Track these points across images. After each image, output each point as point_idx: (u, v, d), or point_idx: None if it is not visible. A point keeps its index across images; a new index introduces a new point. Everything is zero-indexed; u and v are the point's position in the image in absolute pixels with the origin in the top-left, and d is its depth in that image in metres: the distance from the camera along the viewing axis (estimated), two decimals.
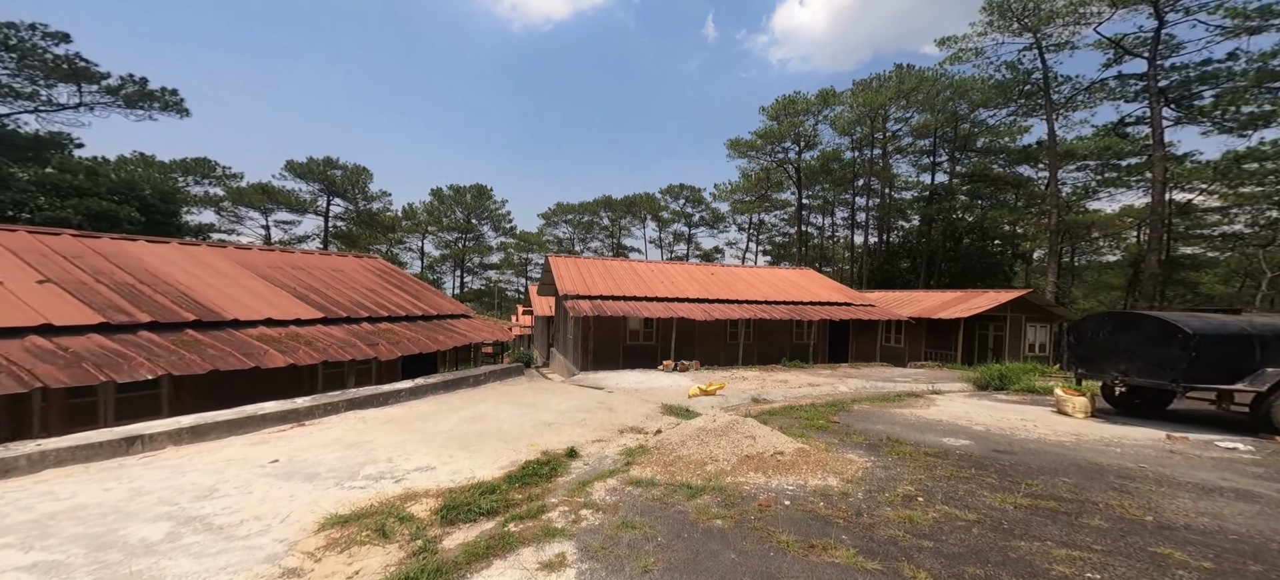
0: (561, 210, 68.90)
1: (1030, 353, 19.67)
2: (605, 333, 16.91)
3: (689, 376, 12.98)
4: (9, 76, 21.39)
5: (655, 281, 18.60)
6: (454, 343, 10.62)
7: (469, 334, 11.34)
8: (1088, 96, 32.03)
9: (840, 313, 18.47)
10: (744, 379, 12.57)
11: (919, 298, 23.20)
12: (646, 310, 15.82)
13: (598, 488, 4.53)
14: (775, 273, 23.15)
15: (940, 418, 7.93)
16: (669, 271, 20.32)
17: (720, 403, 9.13)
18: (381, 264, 13.14)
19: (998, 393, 10.62)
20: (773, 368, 15.09)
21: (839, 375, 13.84)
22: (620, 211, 66.26)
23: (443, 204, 59.34)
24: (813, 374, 14.01)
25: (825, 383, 12.12)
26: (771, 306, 18.28)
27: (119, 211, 20.37)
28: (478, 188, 61.58)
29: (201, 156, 32.63)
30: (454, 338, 10.75)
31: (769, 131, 45.06)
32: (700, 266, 22.51)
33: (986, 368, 11.72)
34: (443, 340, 10.39)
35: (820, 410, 8.28)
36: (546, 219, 68.74)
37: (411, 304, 11.46)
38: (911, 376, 13.96)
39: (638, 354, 17.34)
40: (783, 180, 51.89)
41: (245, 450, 4.71)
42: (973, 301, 19.88)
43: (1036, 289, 23.06)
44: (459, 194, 60.15)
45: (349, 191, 41.66)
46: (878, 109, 42.44)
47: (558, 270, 17.95)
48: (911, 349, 21.44)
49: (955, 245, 41.43)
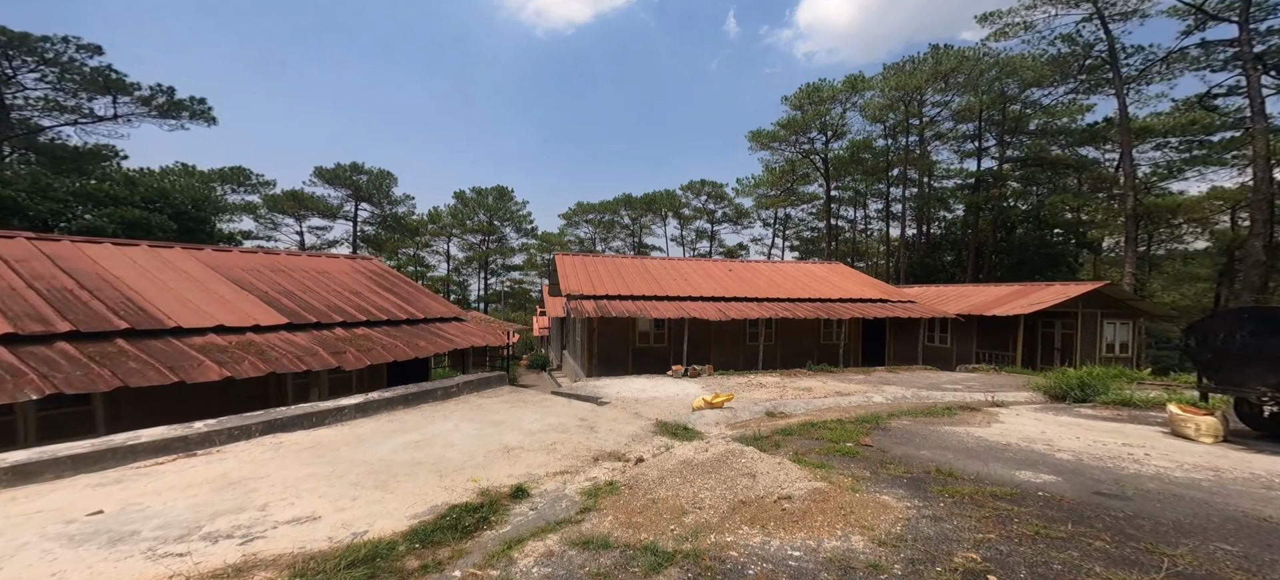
0: (582, 210, 68.47)
1: (1107, 354, 17.04)
2: (612, 335, 15.74)
3: (699, 383, 11.58)
4: (52, 90, 22.52)
5: (667, 279, 17.27)
6: (437, 348, 9.68)
7: (457, 338, 10.40)
8: (1165, 68, 28.24)
9: (875, 310, 16.53)
10: (761, 386, 11.05)
11: (968, 292, 20.78)
12: (656, 310, 14.53)
13: (529, 551, 3.30)
14: (801, 267, 21.32)
15: (1008, 439, 6.24)
16: (683, 268, 18.93)
17: (727, 417, 7.72)
18: (375, 266, 12.46)
19: (1080, 406, 8.63)
20: (796, 373, 13.46)
21: (873, 382, 12.08)
22: (640, 210, 65.14)
23: (466, 206, 59.99)
24: (842, 380, 12.30)
25: (857, 390, 10.44)
26: (795, 304, 16.58)
27: (150, 219, 20.89)
28: (499, 189, 61.93)
29: (238, 166, 33.99)
30: (438, 343, 9.82)
31: (792, 121, 42.79)
32: (717, 262, 21.00)
33: (1062, 373, 9.71)
34: (423, 346, 9.47)
35: (848, 428, 6.75)
36: (568, 219, 68.51)
37: (397, 307, 10.64)
38: (962, 382, 12.02)
39: (648, 358, 16.06)
40: (809, 172, 49.35)
41: (77, 496, 3.75)
42: (1035, 295, 17.46)
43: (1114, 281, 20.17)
44: (481, 196, 60.65)
45: (374, 196, 42.49)
46: (913, 93, 39.46)
47: (563, 269, 16.93)
48: (959, 350, 19.13)
49: (1007, 235, 37.91)
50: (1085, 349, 16.76)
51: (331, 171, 39.33)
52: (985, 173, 38.44)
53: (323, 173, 39.02)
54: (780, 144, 46.64)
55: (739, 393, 10.24)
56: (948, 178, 43.57)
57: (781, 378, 12.69)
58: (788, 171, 50.47)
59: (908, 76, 38.21)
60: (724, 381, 11.97)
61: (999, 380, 12.46)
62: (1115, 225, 29.26)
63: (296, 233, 40.55)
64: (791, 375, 13.14)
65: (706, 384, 11.49)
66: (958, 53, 36.59)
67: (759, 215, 62.90)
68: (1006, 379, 12.76)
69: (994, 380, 12.50)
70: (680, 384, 11.61)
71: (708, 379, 12.48)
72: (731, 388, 10.98)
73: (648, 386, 11.01)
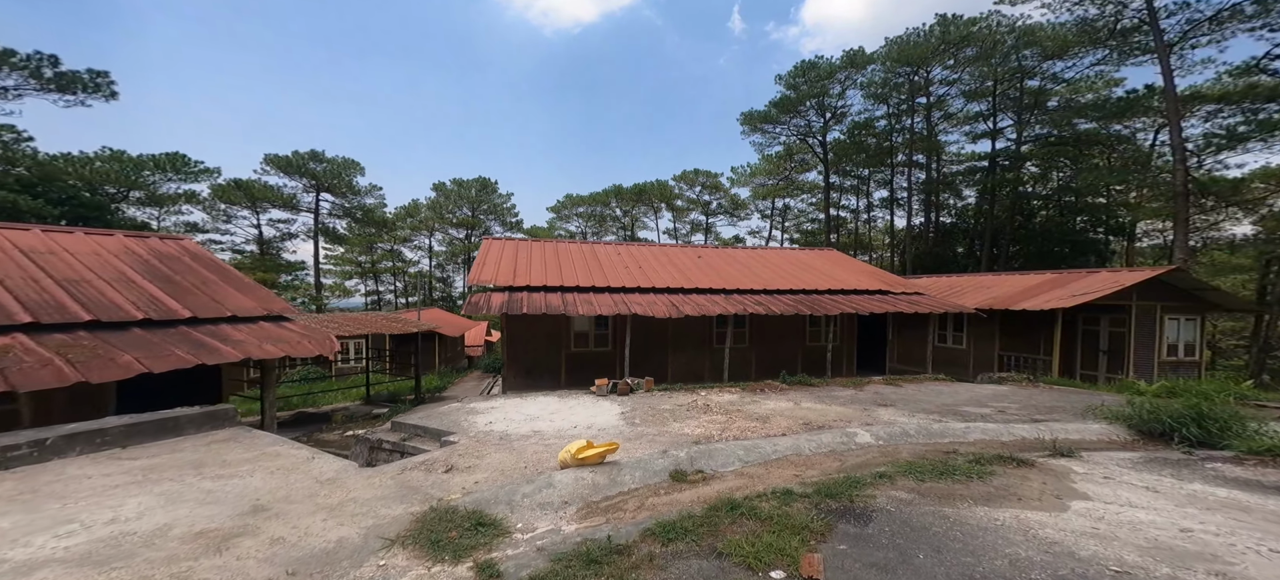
0: (572, 202, 65.35)
1: (1168, 358, 13.53)
2: (539, 338, 12.49)
3: (623, 406, 8.30)
4: None
5: (618, 268, 13.99)
6: (201, 359, 6.47)
7: (247, 346, 7.17)
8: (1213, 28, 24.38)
9: (873, 304, 13.14)
10: (706, 410, 7.75)
11: (988, 283, 17.29)
12: (589, 304, 11.24)
13: None
14: (787, 254, 17.93)
15: (1117, 554, 2.93)
16: (640, 255, 15.64)
17: (599, 484, 4.44)
18: (161, 246, 9.23)
19: (1213, 457, 5.19)
20: (765, 387, 10.13)
21: (865, 400, 8.73)
22: (630, 201, 61.76)
23: (447, 199, 57.04)
24: (823, 397, 8.97)
25: (837, 418, 7.11)
26: (772, 297, 13.23)
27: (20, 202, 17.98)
28: (481, 180, 58.97)
29: (175, 152, 30.96)
30: (203, 354, 6.60)
31: (785, 100, 39.35)
32: (686, 248, 17.66)
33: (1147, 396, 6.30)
34: (181, 357, 6.27)
35: (794, 519, 3.43)
36: (557, 212, 65.36)
37: (162, 303, 7.42)
38: (991, 401, 8.63)
39: (587, 366, 12.80)
40: (808, 159, 45.88)
41: None
42: (1077, 285, 14.01)
43: (1184, 266, 16.54)
44: (462, 187, 57.70)
45: (335, 186, 39.49)
46: (919, 67, 35.87)
47: (485, 255, 13.69)
48: (978, 352, 15.68)
49: (1026, 221, 34.23)
50: (1140, 352, 13.26)
51: (285, 159, 36.34)
52: (1001, 153, 34.75)
53: (276, 161, 36.02)
54: (775, 127, 43.17)
55: (674, 422, 6.96)
56: (958, 163, 39.84)
57: (742, 395, 9.38)
58: (785, 158, 47.10)
59: (912, 48, 34.65)
60: (662, 402, 8.68)
61: (1043, 398, 9.03)
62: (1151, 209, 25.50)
63: (253, 226, 37.68)
64: (758, 391, 9.80)
65: (634, 407, 8.21)
66: (968, 22, 32.98)
67: (756, 206, 59.48)
68: (1052, 396, 9.33)
69: (1035, 398, 9.08)
70: (597, 406, 8.34)
71: (640, 398, 9.19)
72: (671, 410, 7.70)
73: (543, 413, 7.75)
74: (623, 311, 10.97)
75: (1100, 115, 28.52)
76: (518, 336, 12.24)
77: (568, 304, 11.03)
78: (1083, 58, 31.17)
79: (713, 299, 12.49)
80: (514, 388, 12.09)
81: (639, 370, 13.20)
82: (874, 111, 39.90)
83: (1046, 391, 9.82)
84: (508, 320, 11.92)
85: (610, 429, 6.51)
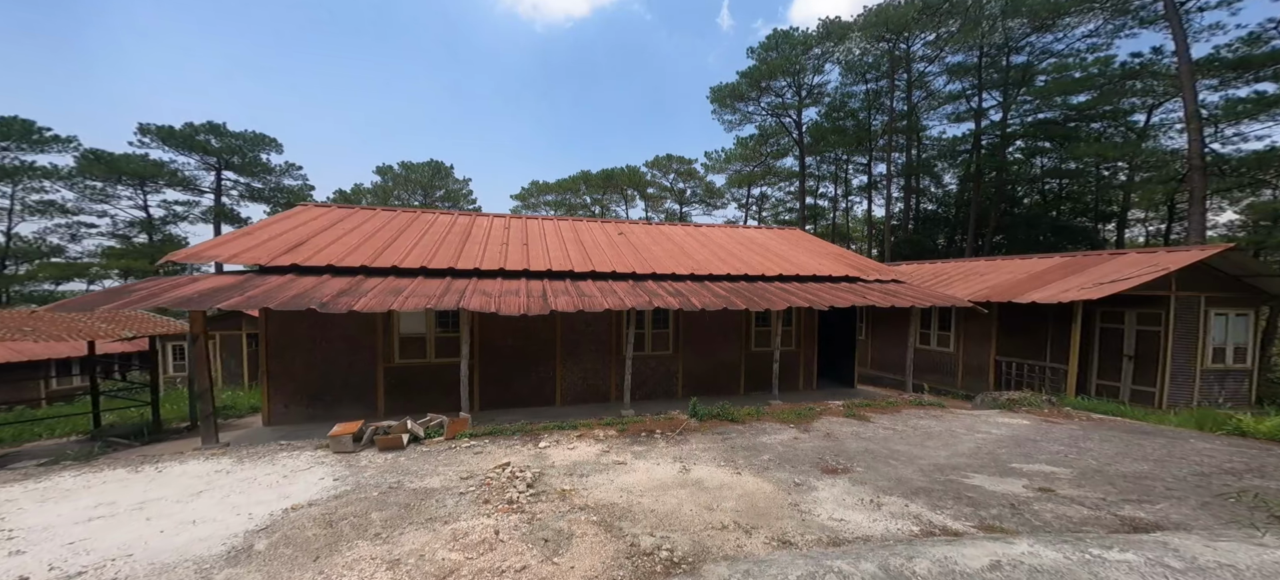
0: (538, 189, 60.68)
1: (1214, 365, 10.33)
2: (338, 345, 8.48)
3: (352, 479, 4.44)
4: None
5: (486, 246, 10.04)
6: None
7: None
8: None
9: (836, 294, 9.49)
10: (500, 493, 3.95)
11: (981, 269, 13.92)
12: (394, 294, 7.23)
13: None
14: (735, 233, 14.22)
15: None
16: (528, 229, 11.72)
17: None
18: None
19: None
20: (660, 428, 6.37)
21: (803, 460, 5.05)
22: (599, 187, 57.49)
23: (395, 183, 51.84)
24: (737, 452, 5.27)
25: (732, 519, 3.37)
26: (701, 285, 9.48)
27: None
28: (433, 164, 53.94)
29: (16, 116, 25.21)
30: None
31: (755, 71, 35.78)
32: (602, 223, 13.78)
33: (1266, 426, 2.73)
34: None
35: None
36: (522, 200, 60.56)
37: None
38: (1012, 458, 5.06)
39: (420, 386, 8.87)
40: (785, 144, 42.55)
41: None
42: (1099, 269, 10.72)
43: (1242, 246, 13.34)
44: (412, 171, 52.59)
45: (242, 164, 34.06)
46: (898, 35, 32.65)
47: (266, 225, 9.51)
48: (969, 357, 12.34)
49: (1010, 208, 31.50)
50: (1178, 357, 10.01)
51: (170, 131, 30.75)
52: (987, 129, 31.85)
53: (159, 132, 30.31)
54: (747, 104, 39.54)
55: (381, 543, 3.14)
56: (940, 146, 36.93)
57: (609, 446, 5.61)
58: (761, 141, 43.68)
59: (892, 14, 31.38)
60: (441, 468, 4.87)
61: (1099, 450, 5.49)
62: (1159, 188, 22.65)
63: (138, 207, 32.11)
64: (640, 438, 6.04)
65: (356, 490, 4.40)
66: None
67: (732, 194, 55.95)
68: (1112, 444, 5.80)
69: (1086, 449, 5.54)
70: (283, 485, 4.46)
71: (404, 462, 5.33)
72: (422, 500, 3.92)
73: (124, 507, 3.82)
74: (445, 305, 7.02)
75: (1103, 83, 25.61)
76: (293, 343, 8.14)
77: (351, 292, 7.00)
78: (1075, 29, 28.51)
79: (614, 287, 8.67)
80: (286, 419, 8.05)
81: (500, 391, 9.33)
82: (852, 89, 36.69)
83: (1086, 427, 6.30)
84: (268, 319, 7.86)
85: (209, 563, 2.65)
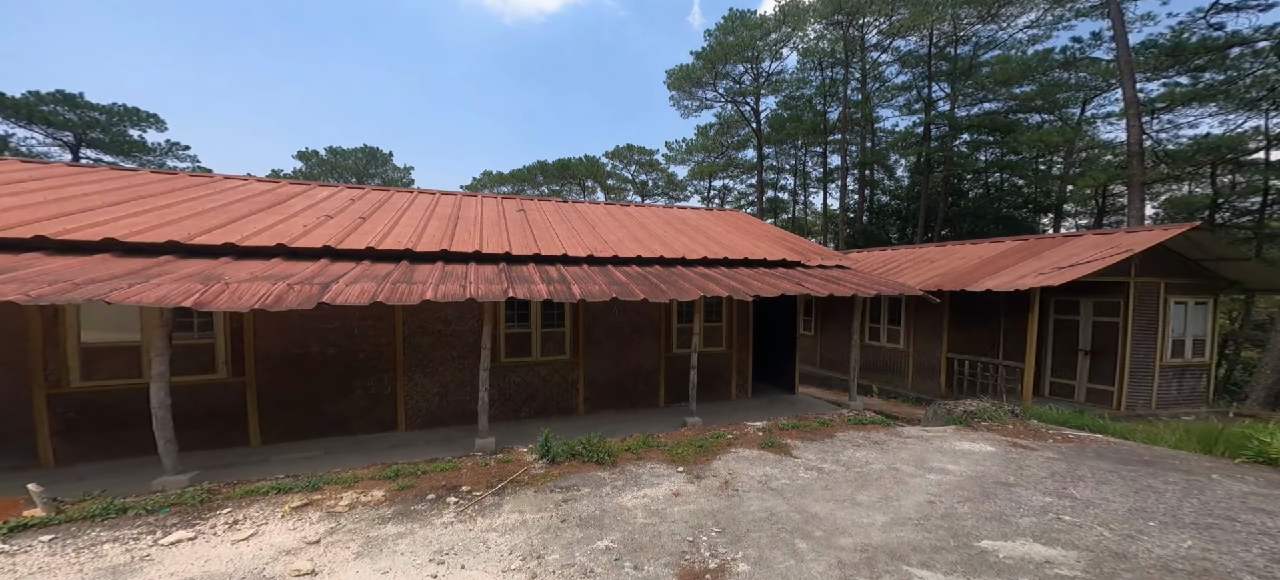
0: (491, 180, 57.04)
1: (1174, 360, 9.42)
2: None
3: None
4: None
5: (279, 219, 7.64)
6: None
7: None
8: None
9: (769, 282, 7.76)
10: None
11: (933, 255, 12.72)
12: (116, 279, 4.81)
13: None
14: (661, 212, 12.35)
15: None
16: (394, 201, 9.38)
17: None
18: None
19: None
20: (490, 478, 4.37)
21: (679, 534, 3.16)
22: (555, 177, 54.60)
23: (319, 170, 46.96)
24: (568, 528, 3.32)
25: None
26: (597, 270, 7.51)
27: None
28: (368, 150, 49.42)
29: None
30: None
31: (710, 52, 34.38)
32: (497, 199, 11.55)
33: None
34: None
35: None
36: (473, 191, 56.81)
37: None
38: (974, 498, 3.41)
39: (116, 422, 6.45)
40: (747, 136, 41.53)
41: None
42: (1055, 254, 9.58)
43: (1208, 226, 12.64)
44: (339, 157, 47.85)
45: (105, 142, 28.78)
46: (851, 20, 32.01)
47: None
48: (919, 355, 11.06)
49: (957, 200, 31.60)
50: (1140, 349, 9.04)
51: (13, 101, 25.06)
52: (935, 118, 31.77)
53: None
54: (704, 89, 38.09)
55: None
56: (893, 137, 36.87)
57: (331, 529, 3.54)
58: (721, 131, 42.50)
59: None
60: None
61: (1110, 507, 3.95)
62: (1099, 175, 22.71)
63: None
64: (417, 502, 4.00)
65: None
66: None
67: (694, 186, 54.61)
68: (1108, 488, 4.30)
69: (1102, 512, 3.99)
70: None
71: None
72: None
73: None
74: (205, 298, 4.73)
75: (1042, 73, 25.69)
76: None
77: (32, 268, 4.58)
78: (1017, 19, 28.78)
79: (465, 271, 6.55)
80: None
81: (303, 417, 6.97)
82: (808, 76, 35.93)
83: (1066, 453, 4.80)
84: None
85: None
